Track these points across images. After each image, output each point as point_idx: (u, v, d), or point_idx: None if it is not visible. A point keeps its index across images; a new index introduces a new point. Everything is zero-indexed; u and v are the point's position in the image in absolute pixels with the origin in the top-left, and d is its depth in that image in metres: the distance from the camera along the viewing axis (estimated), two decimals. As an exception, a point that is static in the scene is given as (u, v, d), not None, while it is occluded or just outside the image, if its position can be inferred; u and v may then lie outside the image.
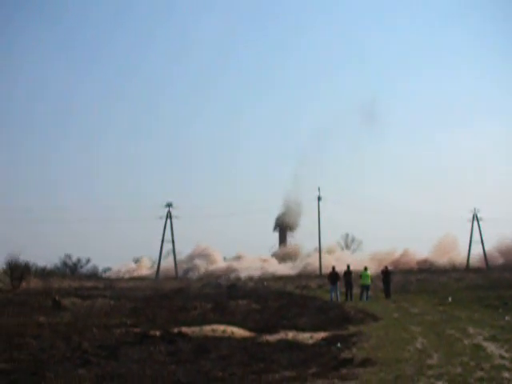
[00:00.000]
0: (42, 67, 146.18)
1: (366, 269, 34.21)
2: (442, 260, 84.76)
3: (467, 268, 79.00)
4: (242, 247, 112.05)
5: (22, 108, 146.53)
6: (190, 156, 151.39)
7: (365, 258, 75.78)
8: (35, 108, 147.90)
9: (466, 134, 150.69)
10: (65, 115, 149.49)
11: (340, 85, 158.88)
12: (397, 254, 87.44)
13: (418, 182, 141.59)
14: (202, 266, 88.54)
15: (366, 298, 32.56)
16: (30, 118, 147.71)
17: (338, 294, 33.03)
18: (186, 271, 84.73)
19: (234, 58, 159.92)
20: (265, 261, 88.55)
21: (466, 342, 15.15)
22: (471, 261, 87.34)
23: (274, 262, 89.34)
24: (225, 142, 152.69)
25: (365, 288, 33.02)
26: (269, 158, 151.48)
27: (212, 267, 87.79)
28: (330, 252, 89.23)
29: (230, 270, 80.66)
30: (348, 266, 34.87)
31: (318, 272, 74.11)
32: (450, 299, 29.57)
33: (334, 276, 33.48)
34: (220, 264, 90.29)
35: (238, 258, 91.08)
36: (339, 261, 64.63)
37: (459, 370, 11.43)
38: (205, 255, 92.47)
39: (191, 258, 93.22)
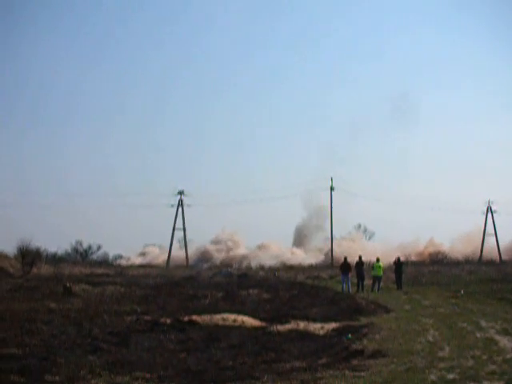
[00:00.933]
0: (54, 54, 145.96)
1: (378, 260, 33.98)
2: (466, 251, 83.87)
3: (480, 261, 78.55)
4: (266, 236, 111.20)
5: (33, 94, 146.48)
6: (204, 144, 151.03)
7: (390, 248, 75.15)
8: (46, 94, 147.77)
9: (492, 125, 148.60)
10: (76, 102, 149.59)
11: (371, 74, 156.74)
12: (421, 245, 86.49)
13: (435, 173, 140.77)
14: (221, 251, 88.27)
15: (378, 289, 32.43)
16: (42, 105, 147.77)
17: (349, 284, 32.87)
18: (199, 261, 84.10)
19: (259, 43, 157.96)
20: (289, 251, 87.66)
21: (478, 335, 15.07)
22: (484, 253, 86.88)
23: (298, 251, 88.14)
24: (242, 129, 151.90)
25: (376, 279, 32.87)
26: (287, 147, 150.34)
27: (231, 255, 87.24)
28: (353, 240, 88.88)
29: (250, 258, 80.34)
30: (360, 257, 34.68)
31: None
32: (462, 292, 29.41)
33: (345, 266, 33.28)
34: (241, 251, 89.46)
35: (261, 246, 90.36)
36: (364, 250, 64.43)
37: (471, 363, 11.37)
38: (227, 242, 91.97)
39: (215, 241, 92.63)
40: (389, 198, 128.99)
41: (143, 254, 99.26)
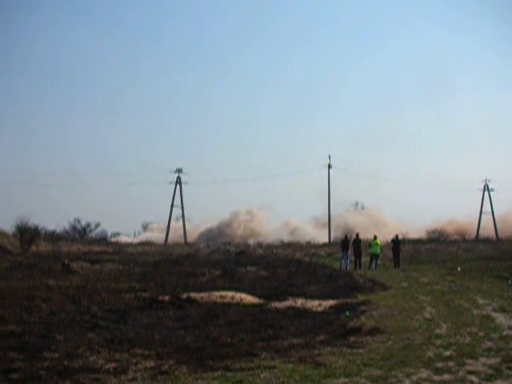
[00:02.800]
0: (61, 33, 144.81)
1: (375, 237, 34.05)
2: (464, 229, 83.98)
3: (477, 238, 78.76)
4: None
5: (37, 74, 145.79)
6: (204, 122, 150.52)
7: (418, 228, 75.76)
8: (50, 74, 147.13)
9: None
10: (79, 81, 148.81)
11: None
12: (442, 223, 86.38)
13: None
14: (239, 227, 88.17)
15: (375, 266, 32.56)
16: (46, 82, 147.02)
17: (348, 262, 33.00)
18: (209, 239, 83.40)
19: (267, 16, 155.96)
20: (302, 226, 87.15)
21: (474, 312, 15.16)
22: (481, 231, 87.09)
23: (311, 228, 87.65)
24: (245, 108, 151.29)
25: (374, 257, 32.99)
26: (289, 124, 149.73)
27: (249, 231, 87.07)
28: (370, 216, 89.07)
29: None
30: (357, 234, 34.78)
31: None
32: (459, 269, 29.55)
33: (346, 243, 33.36)
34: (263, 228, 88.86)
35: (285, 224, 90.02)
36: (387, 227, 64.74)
37: (467, 339, 11.44)
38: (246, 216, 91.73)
39: (234, 215, 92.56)
40: (391, 176, 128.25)
41: (146, 230, 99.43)
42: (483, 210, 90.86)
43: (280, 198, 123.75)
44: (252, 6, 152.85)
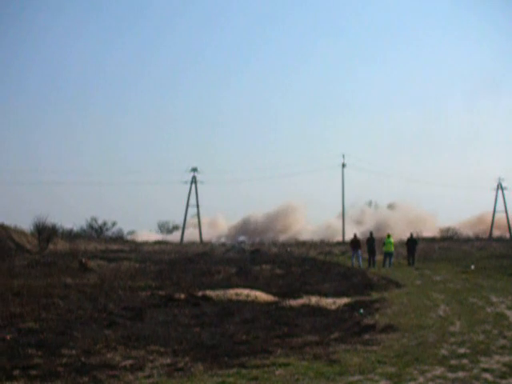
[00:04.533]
0: (72, 29, 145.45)
1: (389, 236, 34.19)
2: (477, 228, 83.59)
3: (490, 237, 78.41)
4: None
5: (48, 71, 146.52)
6: (218, 121, 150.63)
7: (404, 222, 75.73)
8: (61, 71, 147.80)
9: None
10: (91, 78, 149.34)
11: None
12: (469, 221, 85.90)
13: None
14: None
15: (389, 264, 32.59)
16: (57, 80, 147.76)
17: (360, 260, 33.11)
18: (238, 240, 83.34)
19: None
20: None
21: (488, 310, 15.18)
22: (494, 230, 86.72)
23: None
24: (256, 106, 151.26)
25: (388, 255, 33.04)
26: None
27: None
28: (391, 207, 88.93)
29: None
30: (371, 233, 34.88)
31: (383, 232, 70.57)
32: (472, 267, 29.49)
33: (355, 242, 33.61)
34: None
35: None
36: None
37: (481, 337, 11.49)
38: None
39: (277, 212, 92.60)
40: (403, 174, 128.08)
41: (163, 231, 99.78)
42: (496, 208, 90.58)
43: (300, 197, 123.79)
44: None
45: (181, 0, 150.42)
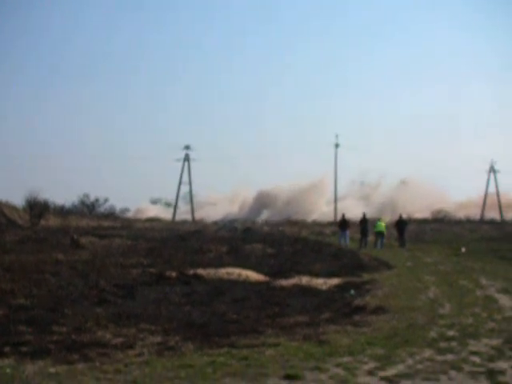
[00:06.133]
0: (74, 10, 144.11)
1: (379, 219, 34.90)
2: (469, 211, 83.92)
3: (481, 219, 78.71)
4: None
5: (50, 54, 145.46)
6: (213, 100, 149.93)
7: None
8: (62, 52, 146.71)
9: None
10: (89, 55, 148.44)
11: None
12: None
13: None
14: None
15: (381, 245, 32.73)
16: (56, 61, 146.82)
17: (348, 240, 33.56)
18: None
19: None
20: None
21: (478, 292, 15.26)
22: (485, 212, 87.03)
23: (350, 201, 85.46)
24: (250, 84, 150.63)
25: (379, 235, 33.19)
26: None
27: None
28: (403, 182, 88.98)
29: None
30: (364, 214, 35.12)
31: (395, 210, 68.80)
32: (463, 250, 29.62)
33: (343, 223, 34.19)
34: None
35: None
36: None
37: (471, 320, 11.54)
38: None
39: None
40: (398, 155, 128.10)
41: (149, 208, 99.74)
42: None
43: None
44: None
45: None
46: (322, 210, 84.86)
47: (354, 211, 64.63)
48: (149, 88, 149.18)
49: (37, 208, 49.78)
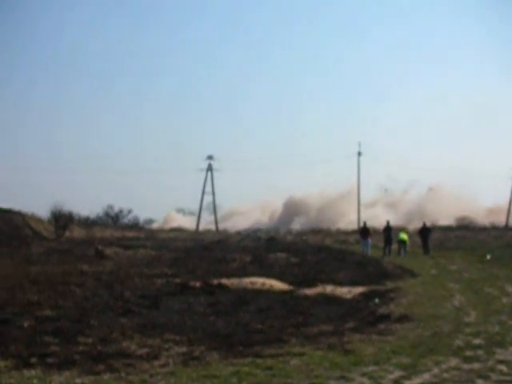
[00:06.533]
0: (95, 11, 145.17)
1: (402, 230, 35.39)
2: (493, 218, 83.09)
3: (507, 226, 77.80)
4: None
5: (68, 54, 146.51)
6: (237, 109, 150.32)
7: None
8: (83, 54, 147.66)
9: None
10: (111, 64, 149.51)
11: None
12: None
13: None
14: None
15: (404, 253, 32.55)
16: (76, 66, 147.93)
17: (369, 248, 33.42)
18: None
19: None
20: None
21: (504, 300, 15.10)
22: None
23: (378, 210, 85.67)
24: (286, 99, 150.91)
25: (402, 244, 33.03)
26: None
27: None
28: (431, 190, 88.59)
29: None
30: (388, 222, 34.99)
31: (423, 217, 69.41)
32: (488, 257, 29.32)
33: (364, 231, 34.11)
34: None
35: None
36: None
37: (497, 328, 11.43)
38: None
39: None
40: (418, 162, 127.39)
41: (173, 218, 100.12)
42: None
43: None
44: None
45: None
46: (349, 218, 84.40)
47: (382, 218, 63.45)
48: (172, 97, 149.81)
49: (62, 220, 50.29)
